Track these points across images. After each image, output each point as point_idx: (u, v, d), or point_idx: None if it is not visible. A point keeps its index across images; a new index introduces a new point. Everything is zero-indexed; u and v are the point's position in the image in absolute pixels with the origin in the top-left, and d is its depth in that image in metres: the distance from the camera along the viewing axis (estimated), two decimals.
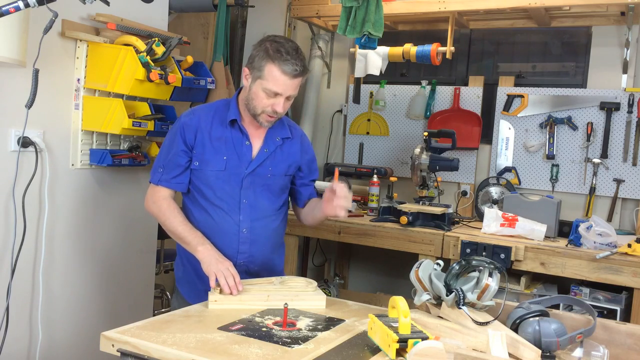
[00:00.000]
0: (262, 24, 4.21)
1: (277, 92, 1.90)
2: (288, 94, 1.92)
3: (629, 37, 3.25)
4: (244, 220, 2.01)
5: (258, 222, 2.03)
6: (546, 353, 1.47)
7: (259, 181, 2.02)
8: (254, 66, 1.92)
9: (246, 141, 2.01)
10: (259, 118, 1.96)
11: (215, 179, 1.99)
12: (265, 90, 1.90)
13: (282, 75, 1.87)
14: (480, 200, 3.45)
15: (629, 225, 3.29)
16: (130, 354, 1.46)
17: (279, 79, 1.87)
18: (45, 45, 2.12)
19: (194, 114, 2.02)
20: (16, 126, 2.27)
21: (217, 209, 2.00)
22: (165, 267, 3.60)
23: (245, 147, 2.01)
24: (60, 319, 2.54)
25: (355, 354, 1.46)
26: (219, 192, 2.00)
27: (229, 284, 1.80)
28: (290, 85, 1.90)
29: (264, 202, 2.04)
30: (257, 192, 2.02)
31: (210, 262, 1.87)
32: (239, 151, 2.00)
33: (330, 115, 4.13)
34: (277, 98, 1.91)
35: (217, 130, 2.00)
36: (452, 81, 3.94)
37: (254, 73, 1.92)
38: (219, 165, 1.98)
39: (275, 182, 2.06)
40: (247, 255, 2.03)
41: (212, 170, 1.99)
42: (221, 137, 1.99)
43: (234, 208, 2.00)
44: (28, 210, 2.32)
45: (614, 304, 2.75)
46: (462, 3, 3.27)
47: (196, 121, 1.99)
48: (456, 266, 1.63)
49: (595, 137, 3.35)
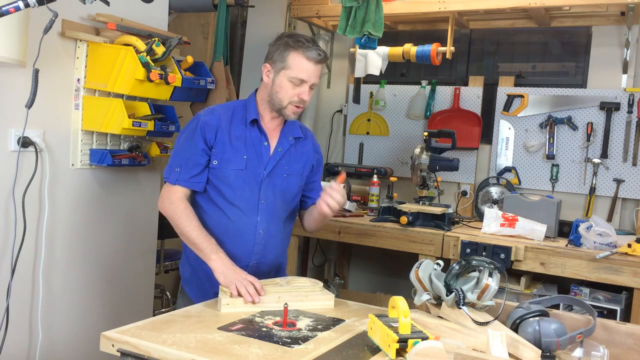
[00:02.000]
0: (262, 24, 4.21)
1: (303, 79, 1.94)
2: (312, 82, 1.96)
3: (629, 37, 3.25)
4: (262, 221, 2.01)
5: (274, 224, 2.05)
6: (546, 353, 1.47)
7: (277, 182, 2.04)
8: (276, 59, 1.96)
9: (265, 141, 2.03)
10: (286, 111, 1.98)
11: (235, 178, 1.99)
12: (291, 79, 1.93)
13: (307, 61, 1.92)
14: (480, 200, 3.45)
15: (629, 225, 3.29)
16: (130, 354, 1.46)
17: (304, 66, 1.93)
18: (45, 45, 2.12)
19: (214, 113, 2.01)
20: (16, 126, 2.26)
21: (234, 209, 1.99)
22: (165, 267, 3.60)
23: (264, 148, 2.02)
24: (60, 319, 2.54)
25: (355, 354, 1.46)
26: (238, 192, 1.99)
27: (250, 293, 1.79)
28: (314, 71, 1.95)
29: (280, 204, 2.06)
30: (275, 194, 2.04)
31: (226, 273, 1.85)
32: (258, 151, 2.01)
33: (330, 115, 4.13)
34: (303, 86, 1.95)
35: (237, 129, 2.01)
36: (452, 81, 3.94)
37: (276, 65, 1.96)
38: (240, 165, 1.99)
39: (291, 183, 2.08)
40: (260, 256, 2.02)
41: (232, 169, 1.98)
42: (241, 137, 2.00)
43: (252, 208, 2.00)
44: (28, 210, 2.32)
45: (614, 304, 2.75)
46: (462, 3, 3.27)
47: (217, 120, 1.99)
48: (456, 266, 1.63)
49: (595, 137, 3.35)
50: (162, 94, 2.64)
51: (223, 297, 1.79)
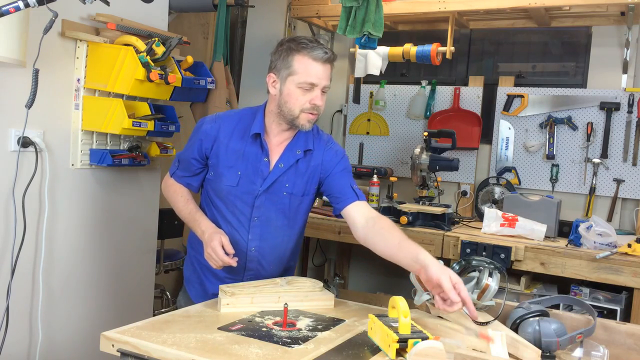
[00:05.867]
0: (262, 24, 4.21)
1: (313, 83, 1.80)
2: (323, 84, 1.82)
3: (629, 37, 3.25)
4: (253, 239, 1.94)
5: (268, 243, 1.96)
6: (546, 353, 1.47)
7: (275, 199, 1.93)
8: (280, 67, 1.83)
9: (264, 158, 1.90)
10: (299, 120, 1.84)
11: (227, 194, 1.93)
12: (299, 85, 1.80)
13: (314, 62, 1.79)
14: (480, 200, 3.45)
15: (629, 225, 3.29)
16: (130, 354, 1.46)
17: (311, 68, 1.79)
18: (45, 45, 2.12)
19: (216, 122, 1.94)
20: (16, 126, 2.26)
21: (226, 223, 1.94)
22: (165, 267, 3.60)
23: (263, 164, 1.90)
24: (60, 319, 2.54)
25: (355, 354, 1.45)
26: (230, 207, 1.93)
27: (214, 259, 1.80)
28: (323, 72, 1.81)
29: (277, 222, 1.95)
30: (270, 212, 1.93)
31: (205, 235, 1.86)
32: (255, 167, 1.90)
33: (330, 115, 4.13)
34: (314, 91, 1.81)
35: (236, 142, 1.91)
36: (452, 81, 3.94)
37: (281, 73, 1.83)
38: (232, 181, 1.91)
39: (292, 202, 1.95)
40: (254, 273, 1.97)
41: (224, 185, 1.92)
42: (239, 151, 1.90)
43: (243, 225, 1.93)
44: (28, 210, 2.32)
45: (614, 304, 2.75)
46: (462, 3, 3.27)
47: (216, 131, 1.91)
48: (456, 266, 1.63)
49: (595, 137, 3.35)
50: (162, 94, 2.64)
51: (223, 297, 1.79)
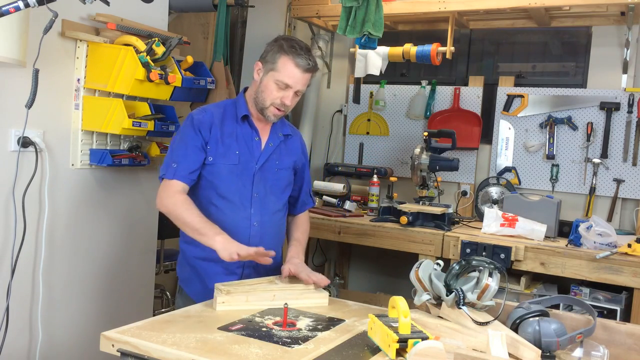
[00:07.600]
0: (262, 24, 4.21)
1: (288, 84, 1.98)
2: (297, 88, 2.00)
3: (629, 37, 3.25)
4: (255, 213, 2.06)
5: (267, 217, 2.09)
6: (546, 353, 1.47)
7: (268, 176, 2.09)
8: (267, 59, 2.00)
9: (256, 137, 2.08)
10: (267, 111, 2.03)
11: (229, 173, 2.03)
12: (277, 82, 1.98)
13: (295, 67, 1.96)
14: (480, 200, 3.45)
15: (629, 225, 3.29)
16: (130, 354, 1.46)
17: (291, 71, 1.97)
18: (45, 45, 2.12)
19: (206, 111, 2.07)
20: (16, 126, 2.27)
21: (228, 203, 2.03)
22: (165, 267, 3.60)
23: (255, 143, 2.08)
24: (60, 319, 2.54)
25: (355, 354, 1.46)
26: (232, 186, 2.04)
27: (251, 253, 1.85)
28: (301, 79, 1.98)
29: (272, 197, 2.11)
30: (267, 187, 2.09)
31: (227, 246, 1.85)
32: (250, 146, 2.06)
33: (330, 115, 4.13)
34: (287, 91, 1.99)
35: (229, 126, 2.06)
36: (452, 81, 3.94)
37: (266, 66, 2.00)
38: (233, 159, 2.04)
39: (282, 176, 2.13)
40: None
41: (226, 164, 2.03)
42: (232, 133, 2.05)
43: (245, 201, 2.05)
44: (28, 210, 2.32)
45: (614, 304, 2.75)
46: (462, 3, 3.27)
47: (209, 117, 2.04)
48: (456, 266, 1.63)
49: (595, 137, 3.35)
50: (162, 94, 2.64)
51: (219, 295, 1.79)
